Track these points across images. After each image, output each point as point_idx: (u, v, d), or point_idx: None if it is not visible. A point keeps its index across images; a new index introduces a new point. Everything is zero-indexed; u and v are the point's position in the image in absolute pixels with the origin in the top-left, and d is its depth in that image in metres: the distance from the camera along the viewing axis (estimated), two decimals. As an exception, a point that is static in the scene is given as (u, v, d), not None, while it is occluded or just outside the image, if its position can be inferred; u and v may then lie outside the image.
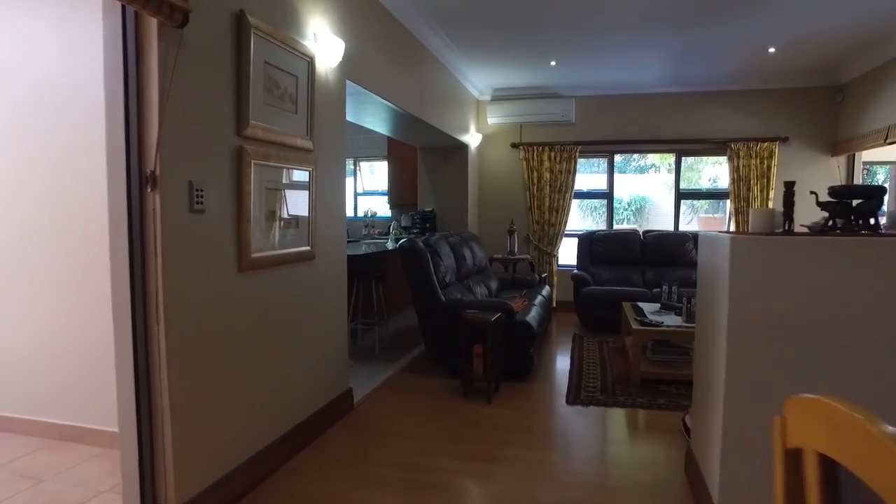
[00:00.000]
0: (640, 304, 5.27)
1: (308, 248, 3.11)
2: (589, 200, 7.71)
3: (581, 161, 7.43)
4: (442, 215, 7.21)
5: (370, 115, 5.15)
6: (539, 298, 5.45)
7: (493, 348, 3.89)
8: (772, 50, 5.68)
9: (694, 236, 6.69)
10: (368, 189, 8.50)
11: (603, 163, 7.57)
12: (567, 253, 7.52)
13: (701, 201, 7.44)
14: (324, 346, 3.38)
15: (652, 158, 7.55)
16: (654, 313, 4.78)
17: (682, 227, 7.32)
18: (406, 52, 4.85)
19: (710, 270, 2.41)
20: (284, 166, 2.84)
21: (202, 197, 2.24)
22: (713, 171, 7.41)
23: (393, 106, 4.60)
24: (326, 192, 3.34)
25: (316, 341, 3.27)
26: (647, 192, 7.66)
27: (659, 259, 6.68)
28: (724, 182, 7.22)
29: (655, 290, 6.10)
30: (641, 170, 7.68)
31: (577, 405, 3.82)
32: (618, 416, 3.66)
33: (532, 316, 4.49)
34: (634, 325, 4.29)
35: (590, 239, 6.93)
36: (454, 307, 4.30)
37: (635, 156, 7.56)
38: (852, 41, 5.52)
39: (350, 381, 3.82)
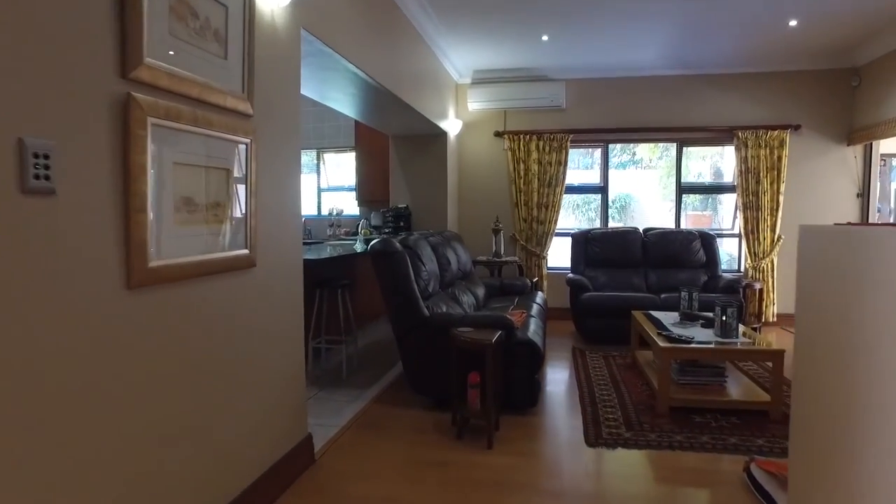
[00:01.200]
0: (654, 314, 4.51)
1: (245, 251, 2.23)
2: (576, 196, 6.94)
3: (573, 152, 6.69)
4: (417, 213, 6.36)
5: (336, 89, 4.28)
6: (535, 308, 4.64)
7: (493, 376, 3.06)
8: (793, 23, 5.00)
9: (701, 235, 5.99)
10: (334, 184, 7.59)
11: (595, 154, 6.83)
12: (557, 254, 6.75)
13: (691, 197, 6.74)
14: (271, 385, 2.49)
15: (640, 152, 6.84)
16: (677, 325, 4.02)
17: (669, 226, 6.61)
18: (378, 12, 3.99)
19: (838, 274, 1.62)
20: (207, 133, 1.96)
21: (48, 168, 1.35)
22: (703, 166, 6.74)
23: (363, 74, 3.74)
24: (273, 175, 2.47)
25: (259, 379, 2.38)
26: (634, 188, 6.93)
27: (662, 260, 5.95)
28: (726, 174, 6.56)
29: (663, 295, 5.36)
30: (623, 165, 6.94)
31: (601, 446, 3.02)
32: (654, 461, 2.86)
33: (534, 332, 3.67)
34: (661, 342, 3.51)
35: (585, 238, 6.17)
36: (442, 324, 3.45)
37: (616, 150, 6.83)
38: (873, 17, 4.88)
39: (310, 421, 2.94)
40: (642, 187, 6.89)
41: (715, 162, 6.75)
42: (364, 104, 4.88)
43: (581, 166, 6.96)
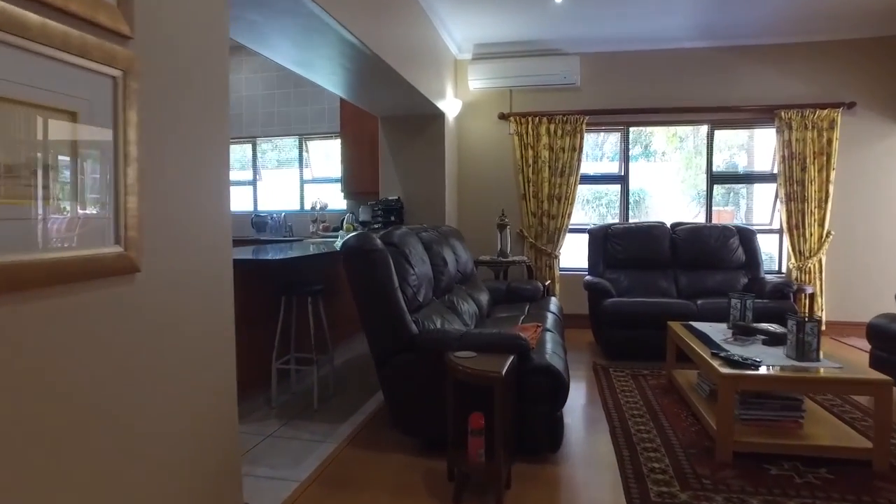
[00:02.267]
0: (696, 326, 3.69)
1: (116, 249, 1.41)
2: (585, 189, 6.12)
3: (588, 137, 5.88)
4: (411, 206, 5.54)
5: (321, 56, 3.65)
6: (550, 318, 3.83)
7: (503, 419, 2.24)
8: (857, -25, 4.17)
9: (739, 231, 5.16)
10: (320, 175, 6.77)
11: (609, 141, 6.00)
12: (570, 253, 5.93)
13: (719, 188, 5.90)
14: (178, 453, 1.67)
15: (656, 142, 6.00)
16: (730, 342, 3.20)
17: (682, 222, 5.79)
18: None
19: None
20: (20, 46, 1.14)
21: None
22: (725, 156, 5.91)
23: (351, 37, 3.15)
24: (178, 138, 1.65)
25: (152, 449, 1.56)
26: (648, 182, 6.09)
27: (694, 260, 5.13)
28: (758, 161, 5.73)
29: (700, 301, 4.54)
30: (634, 158, 6.11)
31: (650, 517, 2.21)
32: (729, 543, 2.04)
33: (554, 353, 2.85)
34: (721, 367, 2.69)
35: (604, 235, 5.34)
36: (434, 346, 2.64)
37: (630, 139, 6.00)
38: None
39: (261, 475, 2.13)
40: (658, 180, 6.06)
41: (738, 150, 5.93)
42: (351, 76, 4.12)
43: (591, 158, 6.14)
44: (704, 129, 5.72)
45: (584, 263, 5.56)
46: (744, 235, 5.13)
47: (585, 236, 5.63)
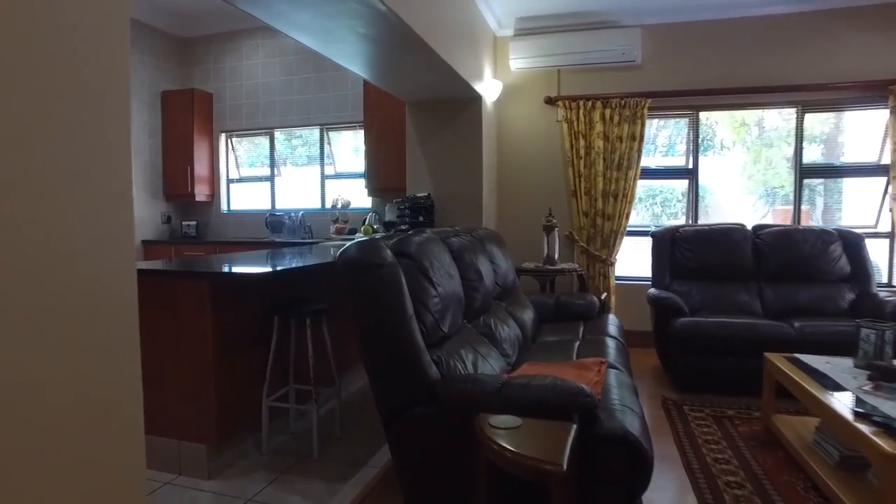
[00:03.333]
0: (808, 361, 2.82)
1: None
2: (642, 184, 5.25)
3: (651, 124, 5.03)
4: (443, 204, 4.80)
5: (343, 27, 3.03)
6: (613, 348, 3.03)
7: (560, 528, 1.47)
8: None
9: (841, 235, 4.23)
10: (344, 170, 6.10)
11: (672, 128, 5.12)
12: (626, 260, 5.09)
13: (782, 188, 4.93)
14: None
15: (720, 132, 5.07)
16: (871, 392, 2.33)
17: (766, 224, 4.86)
18: None
19: None
20: None
21: None
22: (780, 153, 4.93)
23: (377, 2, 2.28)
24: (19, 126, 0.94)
25: None
26: (709, 177, 5.16)
27: (783, 271, 4.21)
28: (853, 150, 4.74)
29: (797, 324, 3.65)
30: (703, 149, 5.20)
31: None
32: None
33: (625, 407, 2.05)
34: (883, 443, 1.85)
35: (671, 239, 4.48)
36: (460, 402, 1.88)
37: (684, 131, 5.08)
38: None
39: None
40: (721, 176, 5.12)
41: (823, 136, 4.95)
42: (377, 50, 3.46)
43: (646, 152, 5.27)
44: (792, 111, 4.77)
45: (644, 271, 4.72)
46: (848, 241, 4.19)
47: (643, 240, 4.80)
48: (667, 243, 4.47)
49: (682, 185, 5.13)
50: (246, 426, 2.81)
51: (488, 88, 4.86)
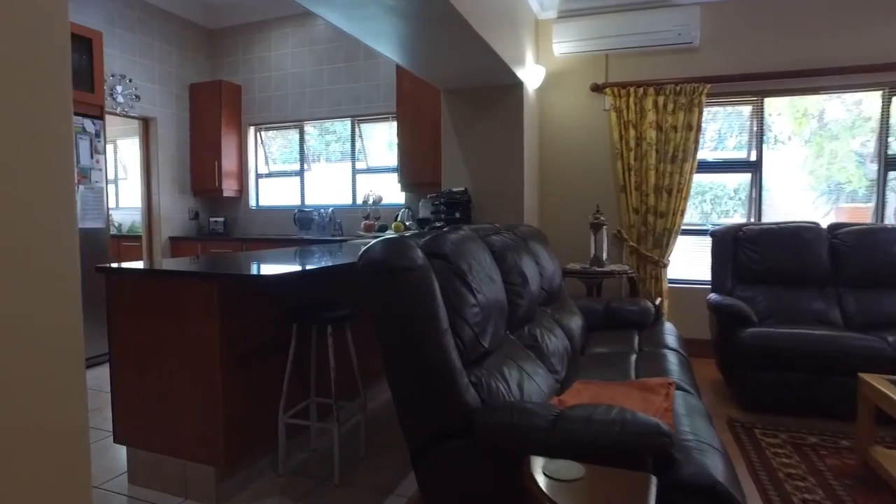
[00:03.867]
0: (914, 384, 2.38)
1: None
2: (698, 178, 4.77)
3: (710, 111, 4.58)
4: (480, 200, 4.45)
5: (375, 2, 2.56)
6: (675, 360, 2.64)
7: None
8: None
9: (934, 234, 3.72)
10: (377, 164, 5.80)
11: (732, 117, 4.64)
12: (679, 261, 4.66)
13: (849, 183, 4.38)
14: None
15: (778, 124, 4.55)
16: None
17: (844, 223, 4.33)
18: None
19: None
20: None
21: None
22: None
23: None
24: None
25: None
26: (767, 172, 4.64)
27: (867, 276, 3.72)
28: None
29: (892, 338, 3.17)
30: (741, 146, 4.69)
31: None
32: None
33: (703, 443, 1.67)
34: None
35: (734, 239, 4.04)
36: (504, 440, 1.53)
37: (738, 123, 4.58)
38: None
39: None
40: (780, 170, 4.60)
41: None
42: (412, 28, 3.12)
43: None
44: (876, 95, 4.25)
45: (698, 274, 4.29)
46: (942, 241, 3.68)
47: (697, 240, 4.36)
48: (728, 243, 4.02)
49: (736, 180, 4.66)
50: (261, 444, 2.52)
51: (530, 74, 4.49)
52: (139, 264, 2.56)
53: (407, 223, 3.85)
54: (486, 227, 2.85)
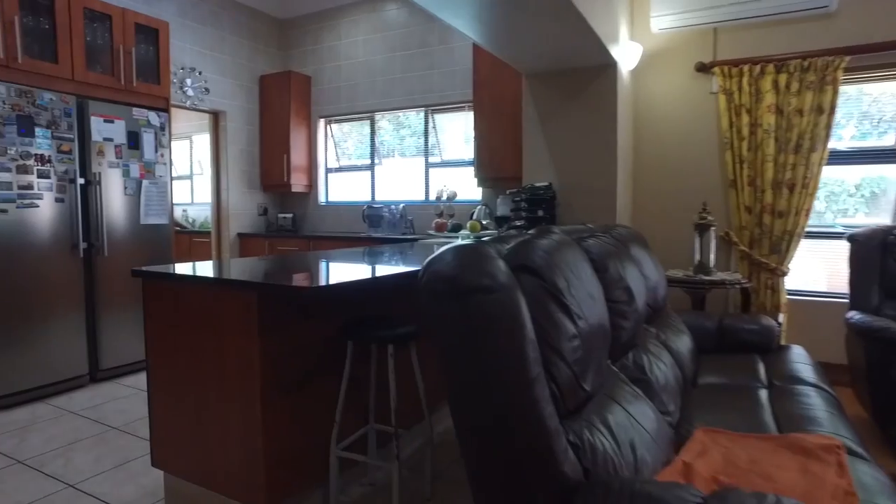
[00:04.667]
0: None
1: None
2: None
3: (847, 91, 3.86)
4: (567, 196, 3.95)
5: None
6: (819, 403, 2.07)
7: None
8: None
9: None
10: (450, 158, 5.41)
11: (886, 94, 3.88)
12: (799, 269, 3.97)
13: None
14: None
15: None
16: None
17: None
18: None
19: None
20: None
21: None
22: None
23: None
24: None
25: None
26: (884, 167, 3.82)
27: None
28: None
29: None
30: (864, 135, 3.87)
31: None
32: None
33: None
34: None
35: (881, 244, 3.32)
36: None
37: (860, 104, 3.77)
38: None
39: None
40: None
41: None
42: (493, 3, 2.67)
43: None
44: None
45: (815, 283, 3.60)
46: None
47: (814, 244, 3.66)
48: (874, 250, 3.31)
49: (860, 174, 3.90)
50: (310, 479, 2.16)
51: (625, 54, 3.94)
52: (179, 266, 2.27)
53: (484, 222, 3.43)
54: (578, 229, 2.37)
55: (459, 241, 2.96)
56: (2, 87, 3.24)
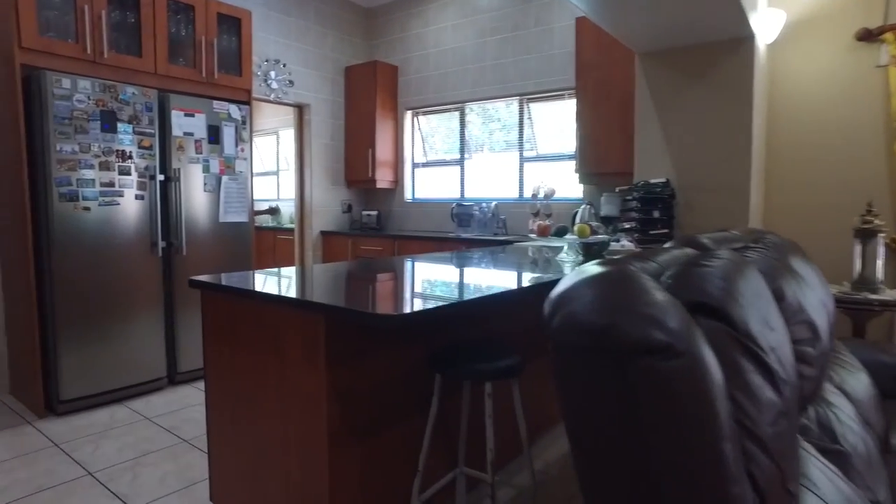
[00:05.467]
0: None
1: None
2: None
3: None
4: (687, 194, 3.38)
5: None
6: None
7: None
8: None
9: None
10: (546, 153, 4.92)
11: None
12: None
13: None
14: None
15: None
16: None
17: None
18: None
19: None
20: None
21: None
22: None
23: None
24: None
25: None
26: None
27: None
28: None
29: None
30: None
31: None
32: None
33: None
34: None
35: None
36: None
37: None
38: None
39: None
40: None
41: None
42: None
43: None
44: None
45: None
46: None
47: None
48: None
49: None
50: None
51: (764, 23, 3.30)
52: (237, 277, 1.96)
53: (591, 224, 2.95)
54: (725, 237, 1.85)
55: (567, 249, 2.49)
56: (87, 82, 3.13)
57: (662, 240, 3.36)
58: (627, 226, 3.48)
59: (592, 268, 0.93)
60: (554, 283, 2.26)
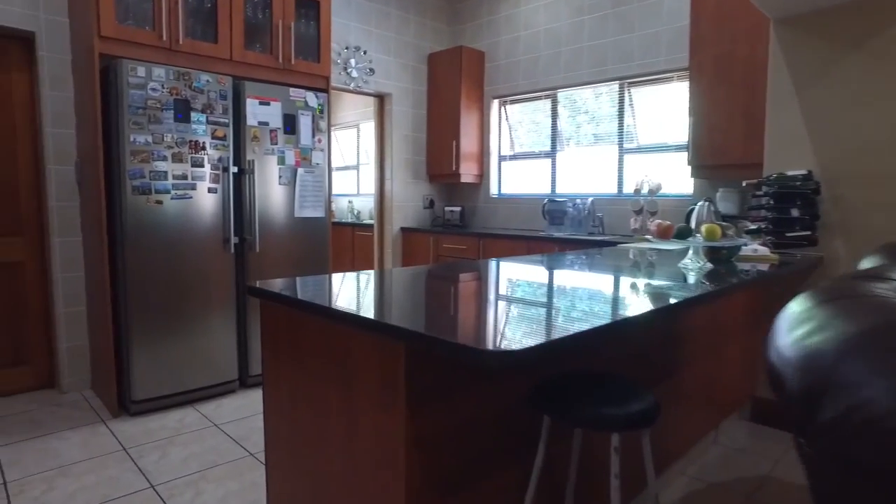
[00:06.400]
0: None
1: None
2: None
3: None
4: (837, 188, 2.79)
5: None
6: None
7: None
8: None
9: None
10: (648, 143, 4.38)
11: None
12: None
13: None
14: None
15: None
16: None
17: None
18: None
19: None
20: None
21: None
22: None
23: None
24: None
25: None
26: None
27: None
28: None
29: None
30: None
31: None
32: None
33: None
34: None
35: None
36: None
37: None
38: None
39: None
40: None
41: None
42: None
43: None
44: None
45: None
46: None
47: None
48: None
49: None
50: None
51: (945, -23, 2.65)
52: (308, 282, 1.65)
53: (720, 224, 2.45)
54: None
55: (691, 258, 2.03)
56: (162, 70, 2.98)
57: (803, 243, 2.80)
58: (754, 226, 2.94)
59: (848, 305, 0.51)
60: (706, 297, 1.81)
